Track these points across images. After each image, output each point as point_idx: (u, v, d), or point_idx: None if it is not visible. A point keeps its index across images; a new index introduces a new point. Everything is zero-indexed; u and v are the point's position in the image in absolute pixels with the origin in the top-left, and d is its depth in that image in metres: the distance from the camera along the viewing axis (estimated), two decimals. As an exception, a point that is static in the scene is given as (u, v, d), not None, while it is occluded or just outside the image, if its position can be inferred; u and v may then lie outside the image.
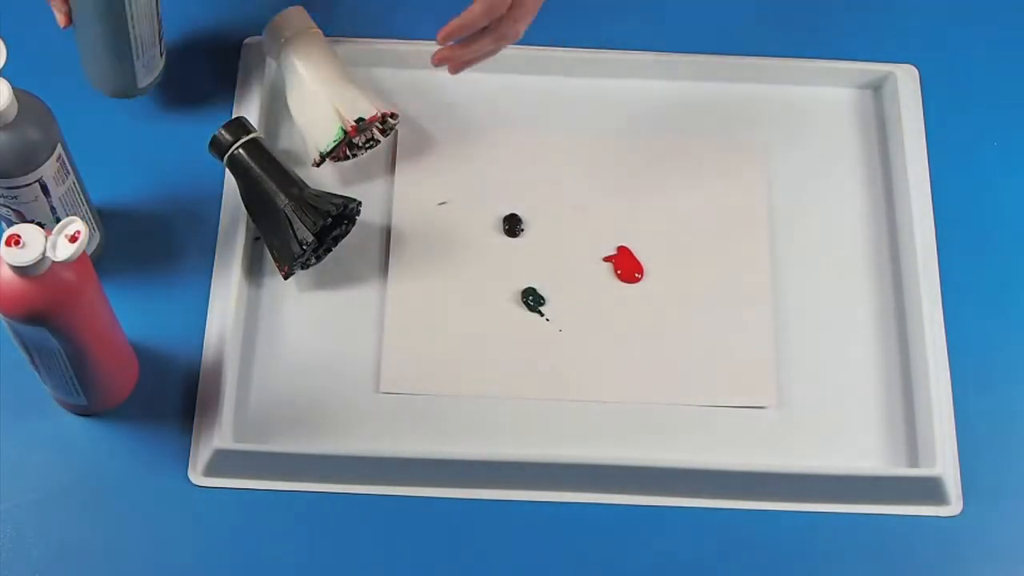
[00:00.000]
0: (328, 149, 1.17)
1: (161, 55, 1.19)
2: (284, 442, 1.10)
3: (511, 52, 1.24)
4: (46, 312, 0.97)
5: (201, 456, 1.09)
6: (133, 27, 1.13)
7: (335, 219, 1.15)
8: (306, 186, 1.15)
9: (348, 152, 1.19)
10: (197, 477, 1.09)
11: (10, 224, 1.08)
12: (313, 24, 1.20)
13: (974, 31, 1.29)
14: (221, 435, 1.08)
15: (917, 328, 1.14)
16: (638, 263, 1.18)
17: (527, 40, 1.12)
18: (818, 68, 1.25)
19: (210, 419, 1.10)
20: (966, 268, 1.18)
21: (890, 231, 1.20)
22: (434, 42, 1.22)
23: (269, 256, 1.16)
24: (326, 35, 1.24)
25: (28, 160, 1.03)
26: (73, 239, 0.94)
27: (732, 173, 1.22)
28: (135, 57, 1.16)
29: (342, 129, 1.16)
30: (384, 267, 1.17)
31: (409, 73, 1.25)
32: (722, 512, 1.09)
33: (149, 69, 1.19)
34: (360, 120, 1.16)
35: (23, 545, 1.07)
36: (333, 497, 1.09)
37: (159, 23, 1.17)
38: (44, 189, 1.05)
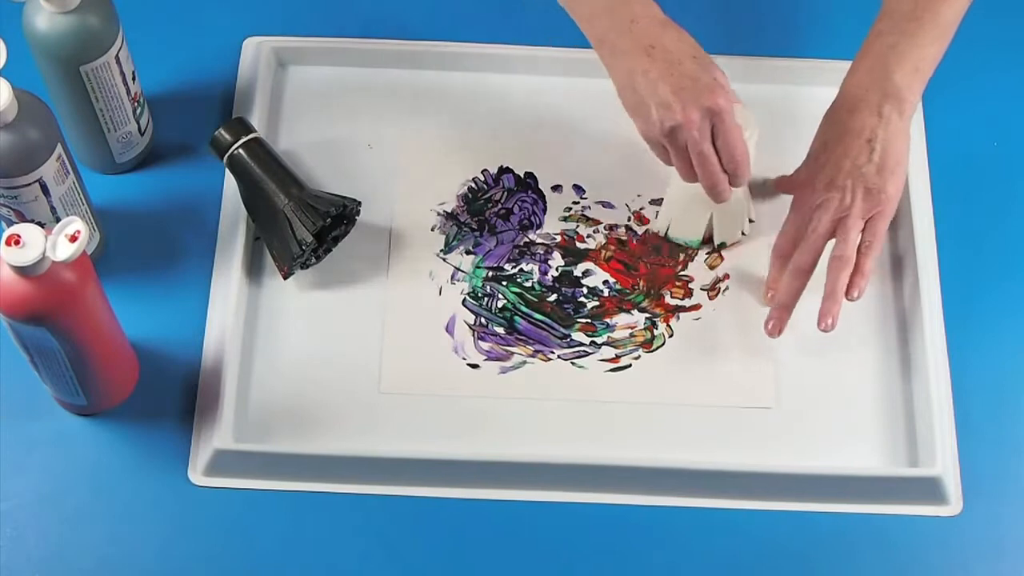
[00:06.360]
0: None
1: (142, 133, 1.18)
2: (284, 442, 1.10)
3: (511, 52, 1.25)
4: (46, 312, 0.97)
5: (201, 456, 1.09)
6: (98, 103, 1.12)
7: (335, 219, 1.14)
8: (306, 186, 1.15)
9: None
10: (197, 477, 1.09)
11: (10, 224, 1.08)
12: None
13: (974, 31, 1.29)
14: (221, 435, 1.08)
15: (917, 328, 1.14)
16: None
17: (526, 40, 1.13)
18: (817, 68, 1.25)
19: (210, 419, 1.10)
20: (966, 268, 1.18)
21: (890, 230, 1.20)
22: (432, 41, 1.23)
23: (269, 256, 1.16)
24: (328, 35, 1.24)
25: (28, 160, 1.03)
26: (73, 239, 0.94)
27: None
28: (106, 132, 1.15)
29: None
30: (384, 267, 1.17)
31: (409, 73, 1.25)
32: (722, 512, 1.09)
33: (126, 146, 1.17)
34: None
35: (23, 545, 1.07)
36: (333, 497, 1.09)
37: (135, 103, 1.15)
38: (44, 189, 1.05)
